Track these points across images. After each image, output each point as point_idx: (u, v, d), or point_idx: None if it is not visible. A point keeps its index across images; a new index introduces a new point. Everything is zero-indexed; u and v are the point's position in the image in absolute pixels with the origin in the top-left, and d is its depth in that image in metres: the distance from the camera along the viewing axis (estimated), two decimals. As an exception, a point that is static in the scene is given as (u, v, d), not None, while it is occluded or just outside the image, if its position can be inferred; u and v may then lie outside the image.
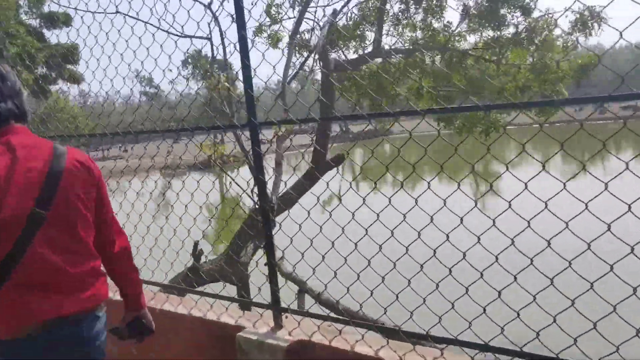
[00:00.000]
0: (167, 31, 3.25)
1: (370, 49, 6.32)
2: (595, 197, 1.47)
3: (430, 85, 5.76)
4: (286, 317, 2.24)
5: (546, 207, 1.54)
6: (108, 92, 3.07)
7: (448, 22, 6.32)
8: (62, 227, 1.47)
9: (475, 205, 1.78)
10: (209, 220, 2.74)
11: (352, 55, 6.66)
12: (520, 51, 6.06)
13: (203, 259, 5.77)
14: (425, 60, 6.03)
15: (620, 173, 1.45)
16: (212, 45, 5.24)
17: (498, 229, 1.71)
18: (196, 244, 5.32)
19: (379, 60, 6.49)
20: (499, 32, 6.26)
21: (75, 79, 20.44)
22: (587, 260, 1.60)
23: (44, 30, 20.13)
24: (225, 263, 5.62)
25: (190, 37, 3.69)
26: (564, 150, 1.56)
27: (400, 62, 6.20)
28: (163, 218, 2.81)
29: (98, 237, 1.63)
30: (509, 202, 1.61)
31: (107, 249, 1.67)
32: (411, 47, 6.11)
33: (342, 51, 6.59)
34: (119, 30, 2.78)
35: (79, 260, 1.50)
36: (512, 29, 6.26)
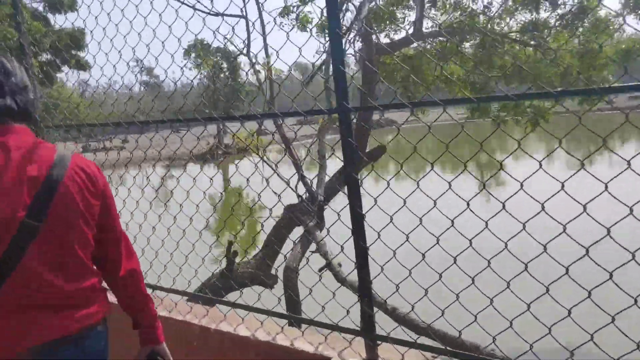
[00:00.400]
0: (193, 7, 2.76)
1: (402, 32, 5.82)
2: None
3: (469, 72, 5.25)
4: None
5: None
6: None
7: (488, 2, 5.78)
8: (57, 242, 1.32)
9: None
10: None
11: (383, 40, 6.09)
12: (565, 34, 5.54)
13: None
14: (465, 44, 5.50)
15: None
16: (247, 24, 4.60)
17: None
18: (230, 243, 4.72)
19: (412, 44, 5.94)
20: (543, 14, 5.74)
21: (81, 65, 19.89)
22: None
23: (49, 15, 19.53)
24: (258, 266, 4.98)
25: (222, 14, 3.12)
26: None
27: (439, 45, 5.66)
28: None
29: (101, 257, 1.48)
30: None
31: (111, 273, 1.51)
32: (452, 30, 5.55)
33: (377, 34, 5.99)
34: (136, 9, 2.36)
35: (76, 277, 1.36)
36: (559, 10, 5.72)
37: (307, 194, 4.94)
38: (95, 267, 1.46)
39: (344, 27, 5.29)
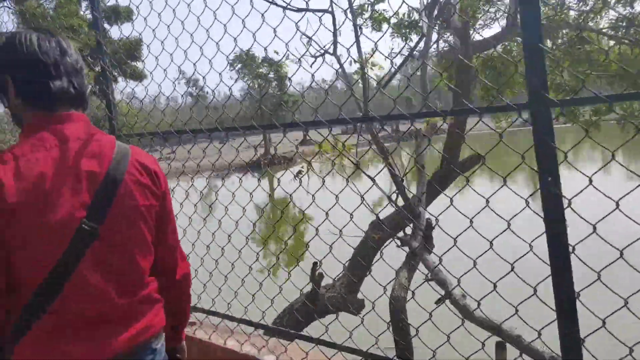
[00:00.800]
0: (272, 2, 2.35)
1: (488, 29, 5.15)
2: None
3: (557, 72, 4.54)
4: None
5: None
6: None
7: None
8: (116, 246, 1.16)
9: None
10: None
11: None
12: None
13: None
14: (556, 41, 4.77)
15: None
16: (334, 19, 4.05)
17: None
18: (315, 264, 3.90)
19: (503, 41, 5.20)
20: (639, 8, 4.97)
21: (137, 75, 20.10)
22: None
23: (106, 25, 20.04)
24: (344, 291, 4.28)
25: (309, 10, 2.60)
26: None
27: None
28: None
29: (162, 259, 1.33)
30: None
31: (165, 277, 1.36)
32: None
33: (474, 30, 5.25)
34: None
35: (131, 288, 1.20)
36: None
37: (406, 211, 4.27)
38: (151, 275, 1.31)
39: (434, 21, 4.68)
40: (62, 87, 1.16)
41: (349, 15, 4.13)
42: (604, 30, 5.08)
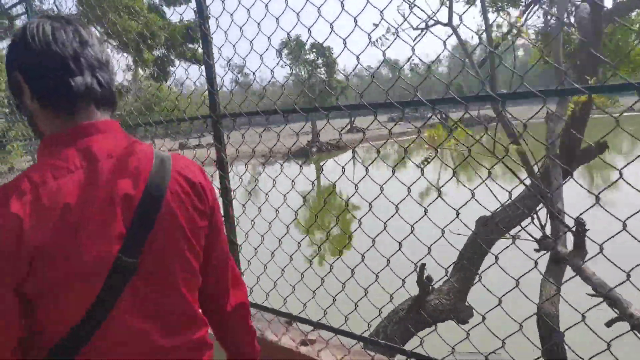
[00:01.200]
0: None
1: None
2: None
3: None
4: None
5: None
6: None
7: None
8: (158, 279, 0.98)
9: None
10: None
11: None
12: None
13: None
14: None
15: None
16: None
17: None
18: (423, 266, 3.48)
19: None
20: None
21: (197, 59, 19.84)
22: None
23: (164, 8, 20.03)
24: (453, 296, 3.79)
25: None
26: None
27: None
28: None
29: (205, 288, 1.13)
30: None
31: (217, 306, 1.19)
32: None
33: None
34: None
35: (178, 328, 1.01)
36: None
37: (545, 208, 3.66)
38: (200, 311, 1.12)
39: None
40: (84, 83, 0.96)
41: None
42: None
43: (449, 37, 1.75)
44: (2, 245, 0.82)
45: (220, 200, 2.18)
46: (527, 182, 4.02)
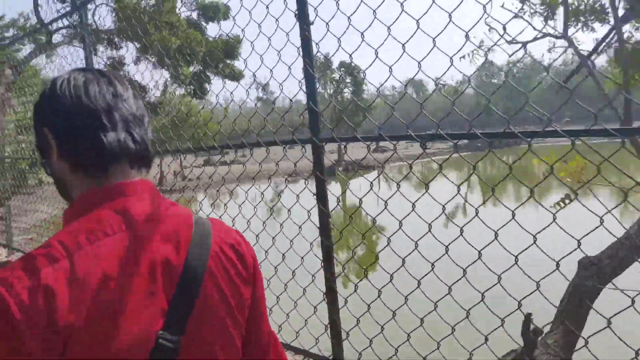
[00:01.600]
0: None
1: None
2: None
3: None
4: None
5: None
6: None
7: None
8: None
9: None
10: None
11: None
12: None
13: None
14: None
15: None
16: None
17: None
18: (529, 315, 2.85)
19: None
20: None
21: (234, 76, 19.21)
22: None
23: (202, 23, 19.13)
24: (561, 348, 3.10)
25: None
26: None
27: None
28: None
29: None
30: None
31: None
32: None
33: None
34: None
35: None
36: None
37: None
38: None
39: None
40: (117, 139, 0.86)
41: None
42: None
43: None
44: (32, 326, 0.68)
45: (319, 240, 1.97)
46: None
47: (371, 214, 1.95)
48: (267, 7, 2.26)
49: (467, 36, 1.62)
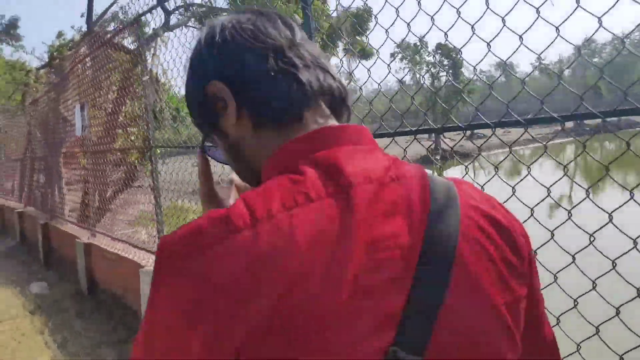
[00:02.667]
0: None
1: None
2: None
3: None
4: None
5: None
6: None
7: None
8: None
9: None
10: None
11: None
12: None
13: None
14: None
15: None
16: None
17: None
18: None
19: None
20: None
21: (365, 53, 16.91)
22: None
23: None
24: None
25: None
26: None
27: None
28: None
29: None
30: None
31: None
32: None
33: None
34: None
35: None
36: None
37: None
38: None
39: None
40: (315, 76, 0.66)
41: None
42: None
43: None
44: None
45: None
46: None
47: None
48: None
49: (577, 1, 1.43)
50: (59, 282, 6.28)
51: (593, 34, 1.61)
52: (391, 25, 2.01)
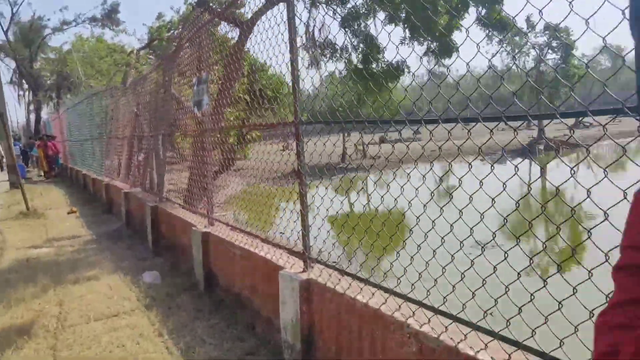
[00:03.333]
0: None
1: None
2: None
3: None
4: None
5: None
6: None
7: None
8: None
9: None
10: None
11: None
12: None
13: None
14: None
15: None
16: None
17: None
18: None
19: None
20: None
21: (503, 22, 12.80)
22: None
23: None
24: None
25: None
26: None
27: None
28: None
29: None
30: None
31: None
32: None
33: None
34: None
35: None
36: None
37: None
38: None
39: None
40: None
41: None
42: None
43: None
44: None
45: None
46: None
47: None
48: None
49: None
50: (171, 272, 5.84)
51: None
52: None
